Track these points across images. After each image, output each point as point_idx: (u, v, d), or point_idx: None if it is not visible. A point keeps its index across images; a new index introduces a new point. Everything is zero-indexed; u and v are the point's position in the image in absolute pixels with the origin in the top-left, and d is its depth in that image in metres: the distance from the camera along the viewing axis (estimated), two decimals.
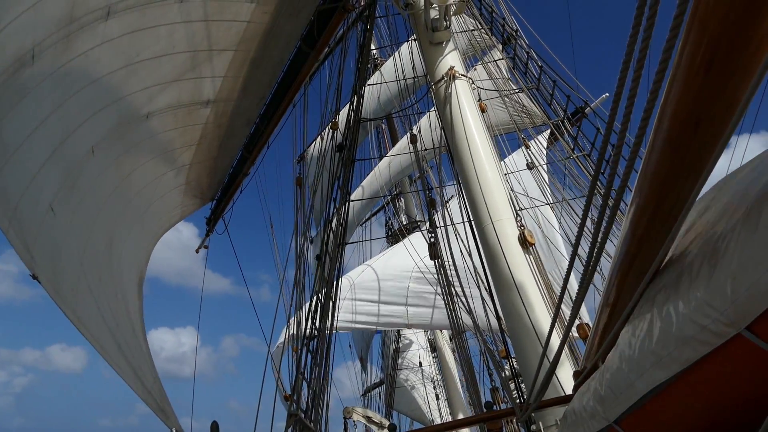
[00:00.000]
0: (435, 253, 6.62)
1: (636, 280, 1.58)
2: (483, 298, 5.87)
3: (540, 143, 11.53)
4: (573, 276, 2.46)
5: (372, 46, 15.23)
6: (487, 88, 8.43)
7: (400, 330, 20.79)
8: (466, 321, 7.17)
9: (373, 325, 12.42)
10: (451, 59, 6.17)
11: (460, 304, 7.06)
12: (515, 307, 4.68)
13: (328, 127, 8.49)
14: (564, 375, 4.14)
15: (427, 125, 10.18)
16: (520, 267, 4.81)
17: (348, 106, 7.84)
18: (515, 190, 6.98)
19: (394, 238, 18.44)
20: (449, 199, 9.48)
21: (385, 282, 12.33)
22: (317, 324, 5.89)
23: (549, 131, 10.20)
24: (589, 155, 7.22)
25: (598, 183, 1.77)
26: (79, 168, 6.04)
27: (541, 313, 4.59)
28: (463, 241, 6.45)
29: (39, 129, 5.09)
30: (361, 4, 8.20)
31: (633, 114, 1.38)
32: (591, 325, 2.56)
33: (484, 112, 6.21)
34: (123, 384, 7.04)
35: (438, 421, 17.41)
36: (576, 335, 4.64)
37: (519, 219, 5.13)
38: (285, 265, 8.36)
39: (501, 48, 9.29)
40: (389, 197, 20.36)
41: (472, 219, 5.56)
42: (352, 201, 8.22)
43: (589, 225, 1.89)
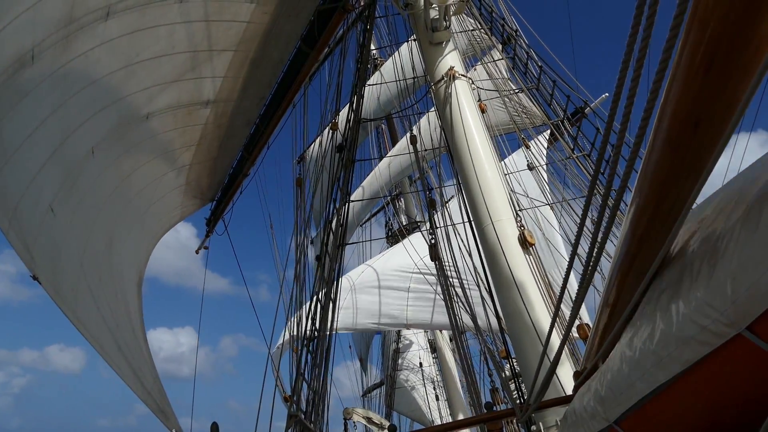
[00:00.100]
0: (436, 254, 6.61)
1: (636, 281, 1.57)
2: (483, 298, 5.86)
3: (540, 143, 11.52)
4: (573, 276, 2.46)
5: (372, 47, 15.23)
6: (487, 89, 8.43)
7: (400, 330, 20.77)
8: (466, 321, 7.16)
9: (373, 326, 12.40)
10: (450, 59, 6.16)
11: (460, 305, 7.05)
12: (515, 307, 4.67)
13: (328, 127, 8.49)
14: (564, 375, 4.14)
15: (427, 125, 10.18)
16: (520, 267, 4.80)
17: (348, 106, 7.84)
18: (515, 190, 6.98)
19: (394, 238, 18.43)
20: (449, 200, 9.48)
21: (385, 282, 12.32)
22: (317, 325, 5.89)
23: (549, 131, 10.20)
24: (589, 155, 7.21)
25: (598, 183, 1.77)
26: (79, 168, 6.03)
27: (541, 313, 4.59)
28: (463, 242, 6.45)
29: (39, 129, 5.08)
30: (361, 4, 8.20)
31: (633, 114, 1.38)
32: (591, 325, 2.55)
33: (484, 112, 6.20)
34: (122, 384, 7.04)
35: (438, 421, 17.39)
36: (576, 336, 4.63)
37: (519, 219, 5.13)
38: (285, 266, 8.37)
39: (501, 48, 9.29)
40: (389, 198, 20.36)
41: (471, 219, 5.56)
42: (352, 201, 8.22)
43: (589, 225, 1.89)
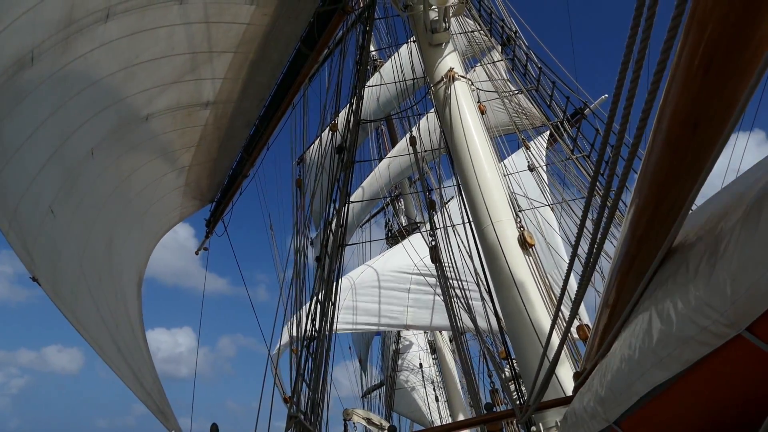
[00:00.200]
0: (436, 256, 6.61)
1: (636, 281, 1.57)
2: (483, 299, 5.86)
3: (540, 144, 11.53)
4: (573, 277, 2.46)
5: (371, 48, 15.22)
6: (486, 90, 8.43)
7: (400, 331, 20.75)
8: (466, 322, 7.15)
9: (373, 326, 12.39)
10: (450, 61, 6.17)
11: (460, 306, 7.04)
12: (515, 308, 4.67)
13: (327, 128, 8.49)
14: (564, 376, 4.14)
15: (427, 126, 10.18)
16: (519, 268, 4.80)
17: (347, 107, 7.84)
18: (515, 191, 6.98)
19: (393, 239, 18.43)
20: (449, 200, 9.48)
21: (385, 283, 12.30)
22: (317, 326, 5.89)
23: (548, 132, 10.21)
24: (589, 156, 7.22)
25: (598, 184, 1.77)
26: (79, 169, 6.03)
27: (540, 314, 4.59)
28: (462, 243, 6.45)
29: (39, 130, 5.08)
30: (360, 5, 8.20)
31: (632, 115, 1.38)
32: (591, 326, 2.55)
33: (483, 113, 6.20)
34: (119, 385, 7.03)
35: (438, 422, 17.37)
36: (576, 336, 4.63)
37: (519, 220, 5.13)
38: (285, 268, 8.36)
39: (500, 49, 9.29)
40: (389, 199, 20.35)
41: (471, 220, 5.56)
42: (352, 202, 8.21)
43: (589, 226, 1.89)
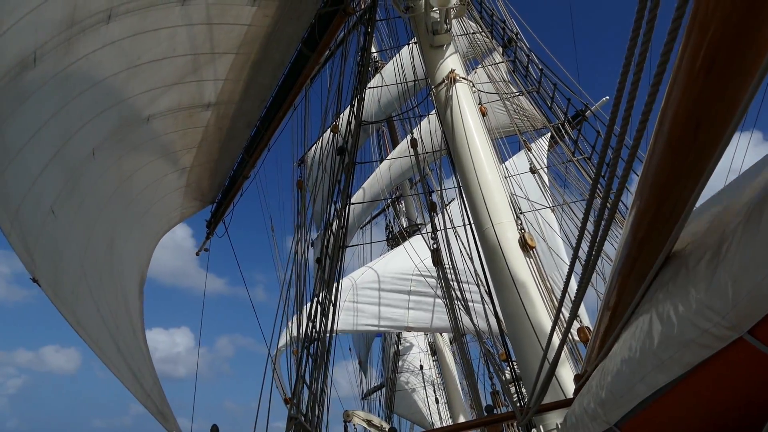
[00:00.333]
0: (438, 259, 6.61)
1: (637, 283, 1.57)
2: (483, 301, 5.86)
3: (541, 146, 11.53)
4: (573, 279, 2.45)
5: (372, 49, 15.24)
6: (487, 92, 8.44)
7: (400, 333, 20.74)
8: (467, 324, 7.15)
9: (374, 328, 12.38)
10: (451, 62, 6.17)
11: (461, 308, 7.04)
12: (515, 310, 4.67)
13: (329, 129, 8.49)
14: (565, 378, 4.13)
15: (428, 128, 10.18)
16: (520, 270, 4.80)
17: (349, 108, 7.84)
18: (516, 193, 6.97)
19: (394, 241, 18.42)
20: (450, 202, 9.47)
21: (386, 284, 12.30)
22: (317, 327, 5.88)
23: (549, 134, 10.20)
24: (590, 158, 7.22)
25: (598, 186, 1.77)
26: (80, 170, 6.04)
27: (541, 315, 4.58)
28: (463, 244, 6.44)
29: (41, 131, 5.09)
30: (362, 7, 8.21)
31: (633, 117, 1.38)
32: (592, 328, 2.55)
33: (484, 115, 6.21)
34: (117, 385, 7.00)
35: (438, 424, 17.34)
36: (577, 338, 4.63)
37: (519, 222, 5.13)
38: (286, 269, 8.34)
39: (501, 51, 9.30)
40: (390, 200, 20.36)
41: (472, 222, 5.55)
42: (353, 204, 8.21)
43: (590, 228, 1.89)
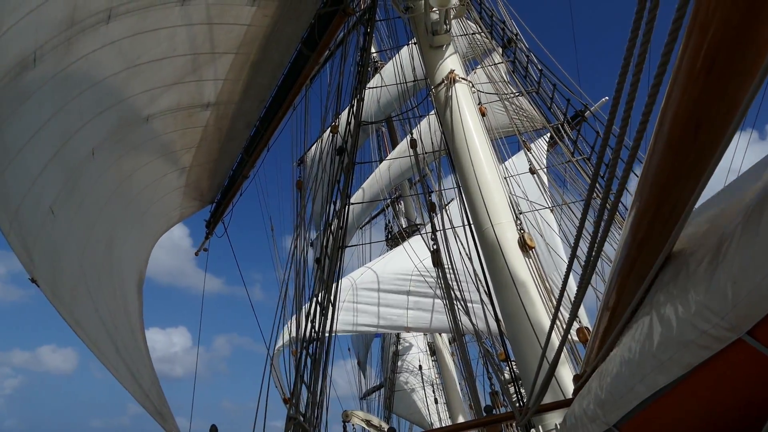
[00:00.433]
0: (438, 260, 6.61)
1: (636, 284, 1.57)
2: (483, 301, 5.86)
3: (541, 147, 11.54)
4: (572, 279, 2.46)
5: (372, 49, 15.24)
6: (487, 92, 8.44)
7: (399, 333, 20.73)
8: (466, 325, 7.15)
9: (373, 328, 12.38)
10: (451, 62, 6.17)
11: (460, 308, 7.04)
12: (515, 310, 4.67)
13: (328, 130, 8.49)
14: (564, 379, 4.14)
15: (427, 128, 10.18)
16: (519, 270, 4.80)
17: (348, 108, 7.84)
18: (515, 193, 6.98)
19: (393, 241, 18.41)
20: (449, 202, 9.47)
21: (385, 285, 12.29)
22: (317, 327, 5.87)
23: (549, 135, 10.21)
24: (589, 159, 7.22)
25: (597, 186, 1.77)
26: (80, 170, 6.03)
27: (540, 316, 4.58)
28: (463, 245, 6.44)
29: (41, 131, 5.09)
30: (362, 7, 8.21)
31: (632, 117, 1.38)
32: (591, 329, 2.55)
33: (484, 115, 6.21)
34: (114, 385, 6.98)
35: (437, 424, 17.34)
36: (576, 339, 4.63)
37: (519, 222, 5.13)
38: (285, 269, 8.34)
39: (501, 51, 9.30)
40: (389, 200, 20.35)
41: (471, 222, 5.55)
42: (352, 204, 8.21)
43: (589, 228, 1.89)
